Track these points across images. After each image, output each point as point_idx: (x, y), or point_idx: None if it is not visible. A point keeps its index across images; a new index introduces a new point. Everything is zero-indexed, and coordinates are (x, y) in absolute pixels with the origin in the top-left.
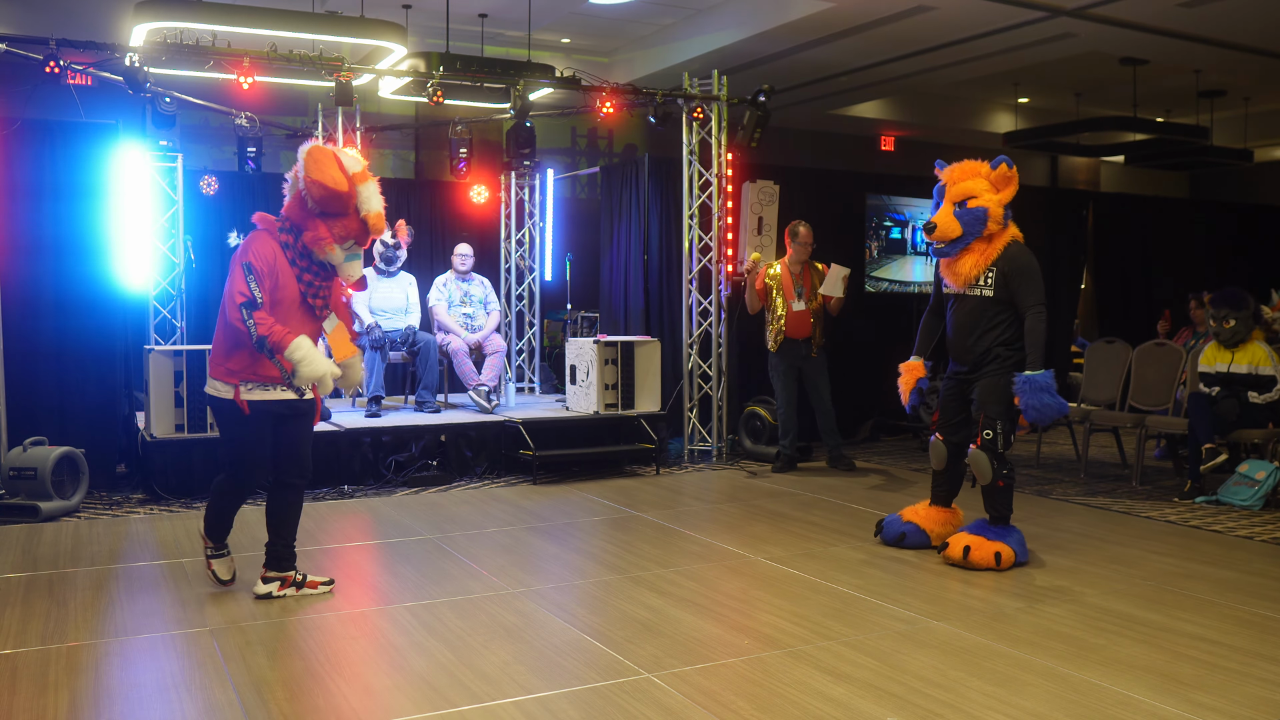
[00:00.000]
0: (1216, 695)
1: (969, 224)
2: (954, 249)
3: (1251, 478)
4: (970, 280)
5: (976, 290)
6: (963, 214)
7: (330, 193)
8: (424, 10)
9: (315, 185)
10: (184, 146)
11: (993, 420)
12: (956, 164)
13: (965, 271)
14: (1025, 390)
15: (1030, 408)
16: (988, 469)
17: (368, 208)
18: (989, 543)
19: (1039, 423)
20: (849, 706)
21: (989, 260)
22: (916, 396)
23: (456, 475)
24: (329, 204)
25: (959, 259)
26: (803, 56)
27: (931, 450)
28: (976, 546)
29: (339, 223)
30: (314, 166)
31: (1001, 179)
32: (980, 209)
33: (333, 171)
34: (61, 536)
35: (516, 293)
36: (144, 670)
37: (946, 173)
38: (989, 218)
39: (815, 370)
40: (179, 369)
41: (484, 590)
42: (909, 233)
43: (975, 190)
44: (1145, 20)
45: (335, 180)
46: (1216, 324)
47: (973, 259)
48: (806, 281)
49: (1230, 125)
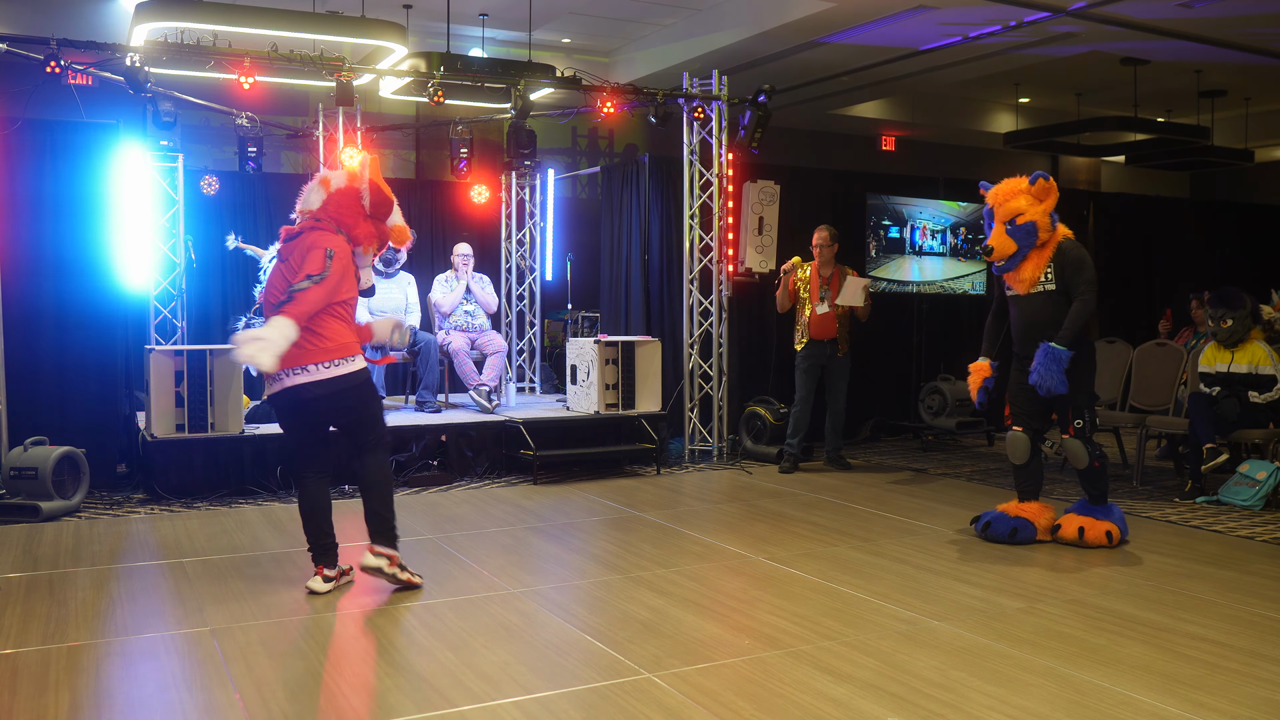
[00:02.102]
0: (1217, 695)
1: (1021, 238)
2: (1013, 263)
3: (1252, 478)
4: (1034, 282)
5: (1040, 288)
6: (1014, 230)
7: (385, 198)
8: (424, 10)
9: (377, 189)
10: (185, 146)
11: (1080, 409)
12: (999, 185)
13: (1029, 276)
14: (1042, 354)
15: (1038, 370)
16: (1083, 454)
17: (396, 220)
18: (1099, 522)
19: (1040, 386)
20: (849, 706)
21: (1046, 260)
22: (984, 395)
23: (457, 475)
24: (381, 209)
25: (1020, 269)
26: (803, 56)
27: (1011, 443)
28: (1089, 527)
29: (380, 227)
30: (377, 172)
31: (1042, 191)
32: (1029, 223)
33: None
34: (62, 536)
35: (517, 293)
36: (144, 670)
37: (991, 195)
38: (1038, 229)
39: (838, 371)
40: (180, 369)
41: (484, 590)
42: (908, 232)
43: (1021, 207)
44: (1146, 20)
45: (388, 188)
46: (1214, 324)
47: (1032, 264)
48: (834, 284)
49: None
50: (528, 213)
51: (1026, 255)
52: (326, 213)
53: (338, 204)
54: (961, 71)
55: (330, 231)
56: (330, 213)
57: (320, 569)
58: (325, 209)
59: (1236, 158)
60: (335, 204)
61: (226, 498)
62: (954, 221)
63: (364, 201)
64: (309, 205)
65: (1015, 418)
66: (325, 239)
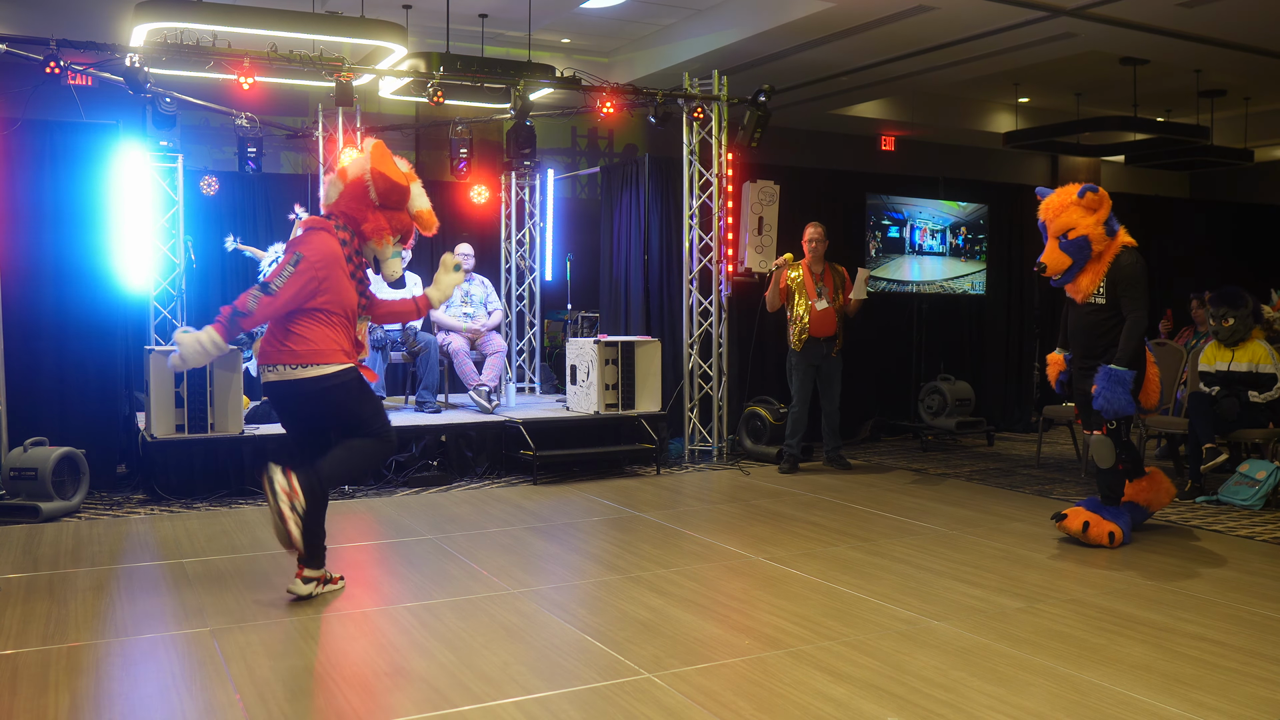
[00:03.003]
0: (1217, 695)
1: (1075, 253)
2: (1069, 276)
3: (1252, 477)
4: (1088, 294)
5: (1092, 300)
6: (1067, 245)
7: (393, 185)
8: (424, 10)
9: (381, 177)
10: (184, 147)
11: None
12: (1050, 199)
13: (1085, 288)
14: (1103, 379)
15: (1103, 395)
16: (1110, 455)
17: (419, 206)
18: (1105, 522)
19: (1105, 411)
20: (849, 706)
21: (1102, 273)
22: (1061, 387)
23: (457, 475)
24: (390, 196)
25: (1077, 280)
26: (803, 56)
27: (1095, 446)
28: (1095, 524)
29: (396, 216)
30: (380, 159)
31: (1092, 203)
32: (1081, 238)
33: (394, 166)
34: (62, 537)
35: (517, 293)
36: (144, 670)
37: (1043, 210)
38: (1090, 242)
39: (832, 370)
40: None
41: (484, 590)
42: (907, 232)
43: (1073, 221)
44: (1145, 20)
45: (398, 174)
46: (1215, 322)
47: (1089, 276)
48: (828, 281)
49: (1230, 125)
50: (527, 213)
51: (1083, 268)
52: (338, 208)
53: (347, 198)
54: (961, 71)
55: (329, 232)
56: (340, 207)
57: (300, 569)
58: (337, 204)
59: (1236, 157)
60: (345, 198)
61: (226, 498)
62: (953, 221)
63: (370, 193)
64: (327, 200)
65: (1085, 421)
66: (308, 242)
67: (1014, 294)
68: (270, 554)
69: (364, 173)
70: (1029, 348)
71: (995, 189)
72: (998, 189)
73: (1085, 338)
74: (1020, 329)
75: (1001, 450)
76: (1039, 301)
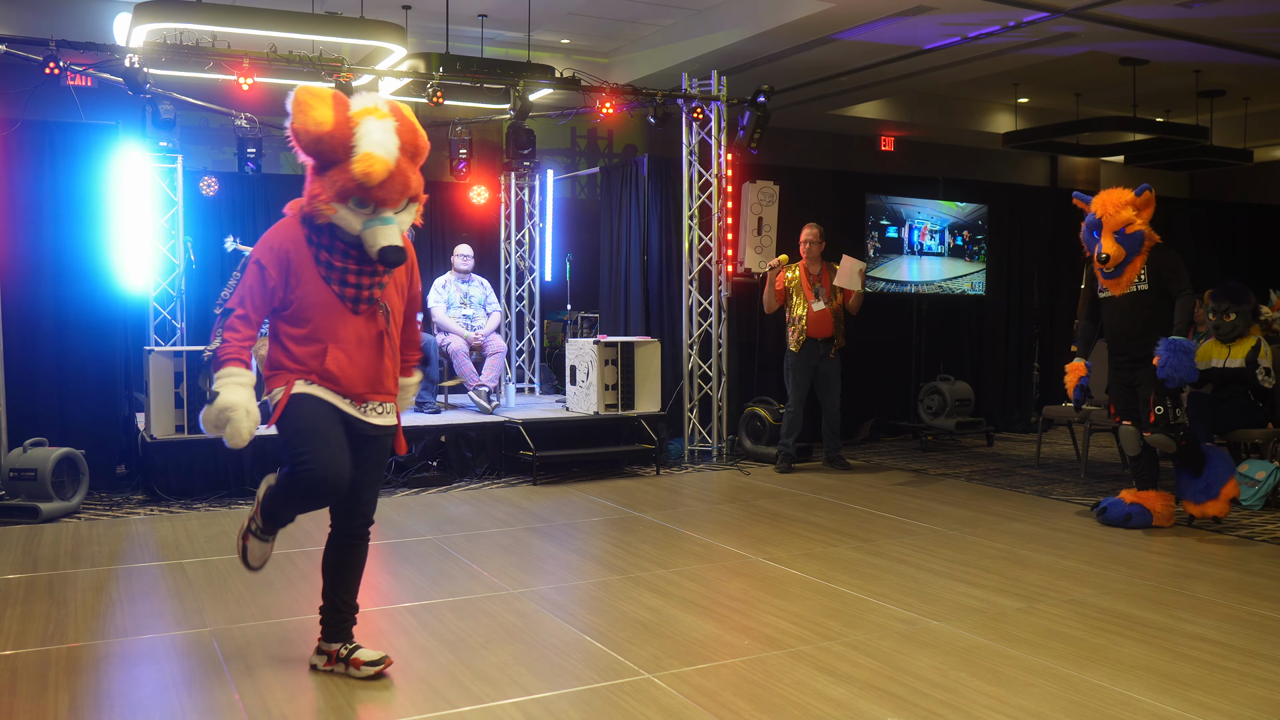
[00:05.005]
0: (1216, 695)
1: (1131, 246)
2: (1120, 269)
3: (1251, 477)
4: (1130, 284)
5: (1133, 288)
6: (1124, 239)
7: (313, 136)
8: (424, 11)
9: (300, 133)
10: (184, 147)
11: (1161, 396)
12: (1104, 195)
13: (1126, 279)
14: (1166, 349)
15: (1167, 364)
16: (1169, 441)
17: (361, 152)
18: (1212, 502)
19: (1170, 378)
20: (849, 706)
21: (1141, 264)
22: (1080, 393)
23: (456, 476)
24: (319, 151)
25: (1123, 273)
26: (802, 57)
27: (1124, 436)
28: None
29: (336, 173)
30: (298, 109)
31: (1145, 203)
32: (1139, 233)
33: (318, 111)
34: (62, 537)
35: (516, 293)
36: (144, 671)
37: (1099, 205)
38: (1145, 237)
39: (830, 371)
40: (179, 370)
41: (484, 591)
42: (905, 232)
43: (1130, 217)
44: (1145, 20)
45: (318, 120)
46: (1216, 317)
47: (1132, 268)
48: (825, 282)
49: (1230, 125)
50: (527, 213)
51: (1132, 261)
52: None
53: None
54: (961, 71)
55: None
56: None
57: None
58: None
59: (1236, 157)
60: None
61: (226, 499)
62: (952, 222)
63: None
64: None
65: (1121, 414)
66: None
67: (1013, 294)
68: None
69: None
70: (1028, 348)
71: (995, 189)
72: (997, 189)
73: (1127, 322)
74: (1020, 329)
75: (1001, 450)
76: (1039, 302)
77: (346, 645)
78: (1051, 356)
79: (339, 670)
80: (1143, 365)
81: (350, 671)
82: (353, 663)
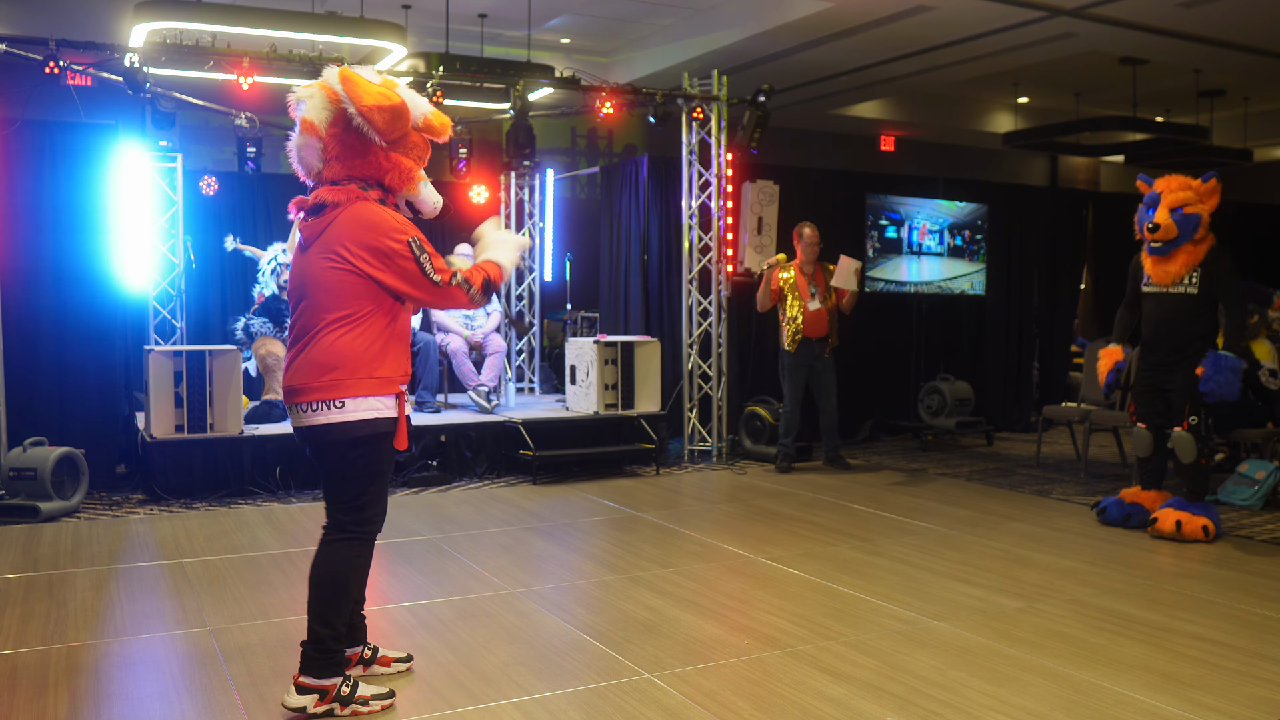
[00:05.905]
0: (1216, 695)
1: (1185, 227)
2: (1169, 248)
3: (1251, 477)
4: (1176, 279)
5: (1180, 288)
6: (1180, 218)
7: (393, 109)
8: (424, 10)
9: (376, 111)
10: (184, 147)
11: (1198, 406)
12: (1171, 177)
13: (1174, 270)
14: (1212, 363)
15: (1210, 379)
16: (1192, 449)
17: (421, 110)
18: (1196, 517)
19: (1212, 395)
20: (849, 706)
21: (1195, 261)
22: (1113, 376)
23: (456, 475)
24: (396, 125)
25: (1170, 258)
26: (802, 56)
27: (1135, 438)
28: (1187, 521)
29: (410, 143)
30: (362, 93)
31: (1209, 191)
32: (1195, 215)
33: (375, 88)
34: (61, 537)
35: (516, 293)
36: (144, 671)
37: (1162, 182)
38: (1201, 224)
39: (825, 371)
40: (179, 369)
41: (484, 590)
42: (905, 232)
43: (1189, 199)
44: (1145, 20)
45: (386, 94)
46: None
47: (1182, 259)
48: (820, 281)
49: (1230, 125)
50: (527, 213)
51: (1181, 246)
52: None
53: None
54: (961, 71)
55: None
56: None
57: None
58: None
59: (1235, 157)
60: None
61: (226, 498)
62: (952, 221)
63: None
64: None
65: (1140, 415)
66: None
67: (1013, 294)
68: (270, 554)
69: (347, 119)
70: (1028, 348)
71: (994, 189)
72: (997, 189)
73: (1170, 325)
74: (1020, 329)
75: (1001, 450)
76: (1038, 302)
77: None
78: (1051, 356)
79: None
80: (1175, 370)
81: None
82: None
